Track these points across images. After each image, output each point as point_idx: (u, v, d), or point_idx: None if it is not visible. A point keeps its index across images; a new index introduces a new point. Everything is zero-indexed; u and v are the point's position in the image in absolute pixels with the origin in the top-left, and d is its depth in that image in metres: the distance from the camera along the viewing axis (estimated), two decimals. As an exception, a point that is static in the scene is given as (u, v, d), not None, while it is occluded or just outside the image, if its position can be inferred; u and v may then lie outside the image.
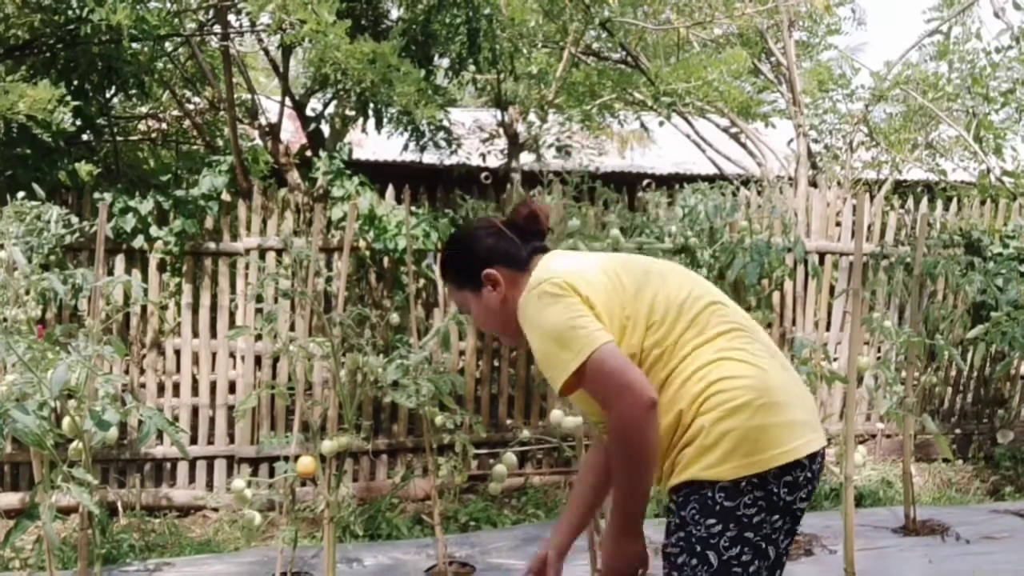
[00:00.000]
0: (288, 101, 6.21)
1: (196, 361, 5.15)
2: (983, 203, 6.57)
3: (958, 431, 6.20)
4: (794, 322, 5.94)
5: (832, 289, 6.01)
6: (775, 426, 1.74)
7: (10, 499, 4.83)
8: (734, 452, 1.71)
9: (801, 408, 1.81)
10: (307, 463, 3.41)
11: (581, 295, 1.80)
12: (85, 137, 6.26)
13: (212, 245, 5.15)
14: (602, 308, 1.80)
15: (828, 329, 6.03)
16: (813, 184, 7.62)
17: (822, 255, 5.96)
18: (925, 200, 6.34)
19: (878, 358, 5.67)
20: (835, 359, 5.76)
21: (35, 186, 4.43)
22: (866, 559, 3.88)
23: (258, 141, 6.78)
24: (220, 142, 6.87)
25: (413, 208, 5.17)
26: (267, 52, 6.47)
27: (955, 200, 6.59)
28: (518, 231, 2.01)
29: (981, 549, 4.30)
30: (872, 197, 6.48)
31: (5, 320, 3.50)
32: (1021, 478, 5.82)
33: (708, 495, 1.73)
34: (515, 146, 7.13)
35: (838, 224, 6.12)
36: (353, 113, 5.87)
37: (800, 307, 5.96)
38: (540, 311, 1.80)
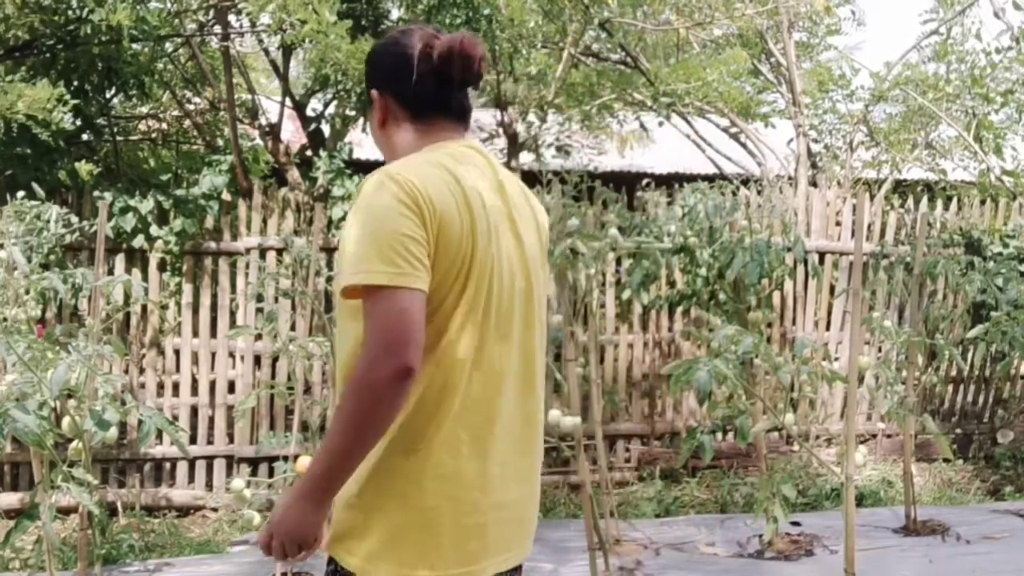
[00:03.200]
0: (288, 101, 6.21)
1: (196, 361, 5.15)
2: (983, 203, 6.57)
3: (958, 431, 6.20)
4: (794, 322, 5.94)
5: (832, 289, 6.00)
6: None
7: (10, 499, 4.82)
8: None
9: None
10: (306, 463, 3.40)
11: (429, 230, 1.50)
12: (85, 137, 6.25)
13: (212, 244, 5.15)
14: (441, 254, 1.52)
15: (828, 329, 6.02)
16: (813, 184, 7.62)
17: (822, 255, 5.96)
18: (925, 200, 6.34)
19: (879, 358, 5.67)
20: (836, 359, 5.76)
21: (35, 186, 4.43)
22: (867, 559, 3.88)
23: (258, 141, 6.78)
24: (220, 142, 6.86)
25: (413, 208, 5.16)
26: (267, 52, 6.47)
27: (955, 200, 6.59)
28: (433, 70, 1.64)
29: (981, 549, 4.30)
30: (872, 197, 6.48)
31: (5, 320, 3.50)
32: (1021, 478, 5.81)
33: None
34: (515, 146, 7.13)
35: (838, 224, 6.12)
36: (353, 113, 5.87)
37: (800, 307, 5.96)
38: (376, 201, 1.50)
